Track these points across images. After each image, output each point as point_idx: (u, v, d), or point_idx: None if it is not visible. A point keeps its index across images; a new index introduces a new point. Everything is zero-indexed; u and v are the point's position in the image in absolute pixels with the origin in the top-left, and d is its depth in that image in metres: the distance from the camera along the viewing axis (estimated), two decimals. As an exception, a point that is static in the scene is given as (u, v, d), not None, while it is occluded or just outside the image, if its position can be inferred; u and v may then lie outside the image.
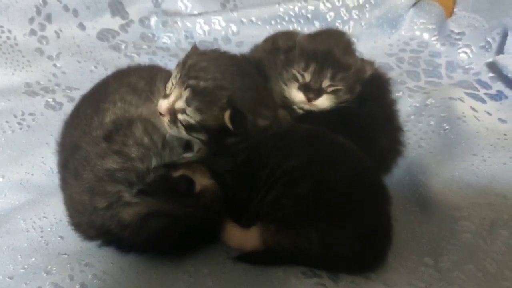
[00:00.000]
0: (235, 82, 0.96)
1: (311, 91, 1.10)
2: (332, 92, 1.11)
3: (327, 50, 1.11)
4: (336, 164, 0.95)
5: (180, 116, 0.95)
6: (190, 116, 0.94)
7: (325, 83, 1.10)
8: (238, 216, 0.99)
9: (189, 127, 0.96)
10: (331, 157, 0.96)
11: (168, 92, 0.97)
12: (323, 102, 1.11)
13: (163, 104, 0.95)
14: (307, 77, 1.11)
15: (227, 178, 0.98)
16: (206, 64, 0.96)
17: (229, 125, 0.94)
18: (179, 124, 0.96)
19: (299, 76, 1.12)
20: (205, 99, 0.93)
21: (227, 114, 0.94)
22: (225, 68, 0.98)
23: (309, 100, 1.11)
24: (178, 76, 0.96)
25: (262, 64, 1.23)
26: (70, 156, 0.98)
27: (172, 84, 0.97)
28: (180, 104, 0.95)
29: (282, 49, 1.22)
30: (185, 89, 0.94)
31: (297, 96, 1.12)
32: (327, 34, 1.22)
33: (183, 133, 0.97)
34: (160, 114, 0.96)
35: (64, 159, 1.02)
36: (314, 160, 0.94)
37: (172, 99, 0.95)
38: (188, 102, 0.94)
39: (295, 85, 1.13)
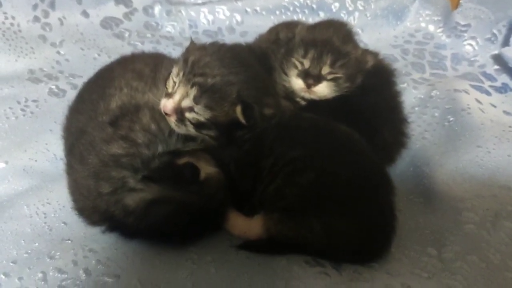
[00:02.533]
0: (240, 75, 0.96)
1: (311, 77, 1.10)
2: (332, 79, 1.10)
3: (327, 38, 1.10)
4: (340, 154, 0.95)
5: (188, 115, 0.94)
6: (199, 114, 0.93)
7: (325, 69, 1.09)
8: (242, 205, 0.99)
9: (198, 125, 0.95)
10: (334, 147, 0.96)
11: (170, 90, 0.96)
12: (323, 89, 1.11)
13: (168, 104, 0.94)
14: (306, 63, 1.10)
15: (232, 168, 0.98)
16: (209, 59, 0.95)
17: (241, 119, 0.94)
18: (188, 123, 0.95)
19: (298, 63, 1.11)
20: (214, 96, 0.93)
21: (238, 109, 0.94)
22: (228, 61, 0.97)
23: (309, 86, 1.10)
24: (181, 74, 0.94)
25: (267, 55, 1.22)
26: (75, 141, 0.98)
27: (174, 83, 0.96)
28: (187, 103, 0.94)
29: (282, 41, 1.22)
30: (191, 87, 0.93)
31: (297, 83, 1.12)
32: (327, 24, 1.21)
33: (192, 131, 0.96)
34: (166, 114, 0.94)
35: (69, 144, 1.02)
36: (317, 150, 0.94)
37: (177, 98, 0.94)
38: (196, 100, 0.93)
39: (295, 72, 1.12)
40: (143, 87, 1.03)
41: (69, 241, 0.95)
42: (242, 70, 0.97)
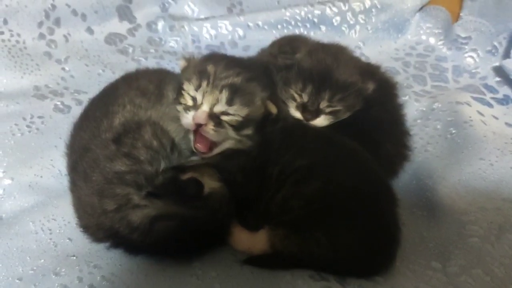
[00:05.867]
0: (255, 71, 1.01)
1: (309, 112, 1.09)
2: (330, 113, 1.10)
3: (325, 70, 1.09)
4: (345, 165, 0.95)
5: (225, 118, 0.97)
6: (236, 114, 0.97)
7: (323, 104, 1.08)
8: (246, 217, 0.99)
9: (238, 126, 0.98)
10: (339, 158, 0.97)
11: (192, 103, 0.98)
12: (322, 122, 1.10)
13: (200, 114, 0.95)
14: (305, 97, 1.09)
15: (238, 176, 0.99)
16: (224, 63, 0.99)
17: (273, 110, 0.99)
18: (227, 125, 0.97)
19: (296, 96, 1.10)
20: (246, 93, 0.97)
21: (268, 101, 0.99)
22: (239, 61, 1.04)
23: (307, 120, 1.10)
24: (204, 85, 0.97)
25: (268, 69, 1.22)
26: (79, 159, 0.99)
27: (193, 97, 0.98)
28: (219, 108, 0.97)
29: (280, 66, 1.19)
30: (220, 91, 0.96)
31: (295, 114, 1.11)
32: (326, 51, 1.18)
33: (231, 134, 0.98)
34: (199, 125, 0.95)
35: (73, 162, 1.03)
36: (323, 160, 0.95)
37: (207, 106, 0.96)
38: (229, 102, 0.96)
39: (293, 104, 1.12)
40: (146, 104, 1.04)
41: (74, 257, 0.96)
42: (251, 69, 1.02)
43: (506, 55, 1.59)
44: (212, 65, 0.99)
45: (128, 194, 0.90)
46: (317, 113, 1.09)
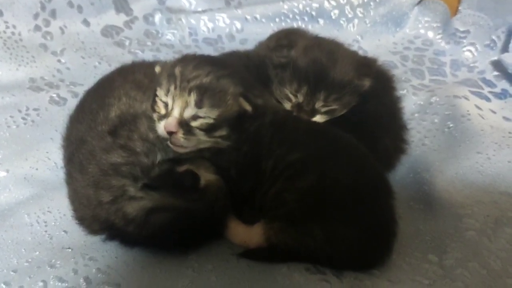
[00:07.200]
0: (226, 70, 0.97)
1: (304, 112, 1.08)
2: (326, 112, 1.09)
3: (320, 70, 1.08)
4: (339, 158, 0.94)
5: (194, 123, 0.93)
6: (206, 117, 0.92)
7: (318, 104, 1.08)
8: (242, 211, 0.99)
9: (209, 129, 0.93)
10: (333, 151, 0.96)
11: (164, 112, 0.94)
12: (317, 120, 1.10)
13: (171, 121, 0.91)
14: (300, 98, 1.08)
15: (232, 171, 0.98)
16: (193, 64, 0.95)
17: (247, 107, 0.95)
18: (197, 131, 0.93)
19: (291, 96, 1.10)
20: (215, 93, 0.93)
21: (241, 98, 0.94)
22: (210, 61, 0.99)
23: None
24: (172, 89, 0.93)
25: (264, 63, 1.21)
26: (75, 150, 0.99)
27: (165, 103, 0.94)
28: (189, 112, 0.92)
29: (275, 64, 1.18)
30: (189, 94, 0.92)
31: None
32: (322, 48, 1.15)
33: (204, 139, 0.94)
34: (170, 133, 0.92)
35: (69, 153, 1.02)
36: (317, 153, 0.94)
37: (177, 112, 0.92)
38: (198, 104, 0.92)
39: (288, 104, 1.11)
40: (141, 97, 1.03)
41: (70, 250, 0.95)
42: (225, 66, 0.99)
43: (504, 49, 1.60)
44: (178, 67, 0.95)
45: (124, 186, 0.90)
46: (313, 113, 1.09)
